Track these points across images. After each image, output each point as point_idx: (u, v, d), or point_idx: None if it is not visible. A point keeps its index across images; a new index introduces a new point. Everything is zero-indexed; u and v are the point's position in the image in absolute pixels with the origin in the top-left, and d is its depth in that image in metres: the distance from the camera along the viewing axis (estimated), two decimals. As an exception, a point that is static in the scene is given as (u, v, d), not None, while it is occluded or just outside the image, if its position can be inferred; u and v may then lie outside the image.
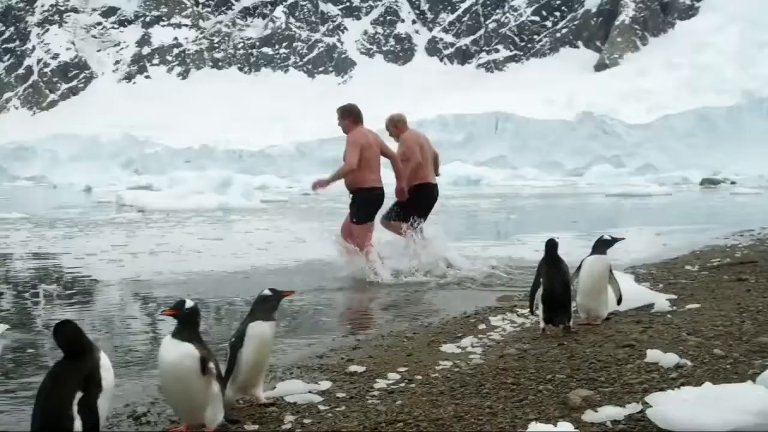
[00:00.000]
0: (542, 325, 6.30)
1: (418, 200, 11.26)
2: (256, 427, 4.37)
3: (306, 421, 4.39)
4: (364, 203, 10.68)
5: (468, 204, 32.68)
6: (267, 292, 4.82)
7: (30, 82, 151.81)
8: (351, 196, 10.82)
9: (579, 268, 6.54)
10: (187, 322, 4.16)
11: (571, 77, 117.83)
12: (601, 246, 6.55)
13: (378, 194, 10.73)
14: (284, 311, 8.73)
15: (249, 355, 4.63)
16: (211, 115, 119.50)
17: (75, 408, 3.52)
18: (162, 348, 4.12)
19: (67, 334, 3.71)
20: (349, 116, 10.83)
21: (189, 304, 4.18)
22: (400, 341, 6.54)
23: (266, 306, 4.76)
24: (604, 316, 6.62)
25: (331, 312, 8.56)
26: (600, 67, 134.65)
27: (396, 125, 11.47)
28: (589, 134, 76.11)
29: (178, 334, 4.12)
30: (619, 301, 6.70)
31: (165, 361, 4.09)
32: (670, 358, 5.06)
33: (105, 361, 3.71)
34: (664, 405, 3.82)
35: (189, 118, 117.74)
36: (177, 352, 4.07)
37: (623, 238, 6.89)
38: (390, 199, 11.12)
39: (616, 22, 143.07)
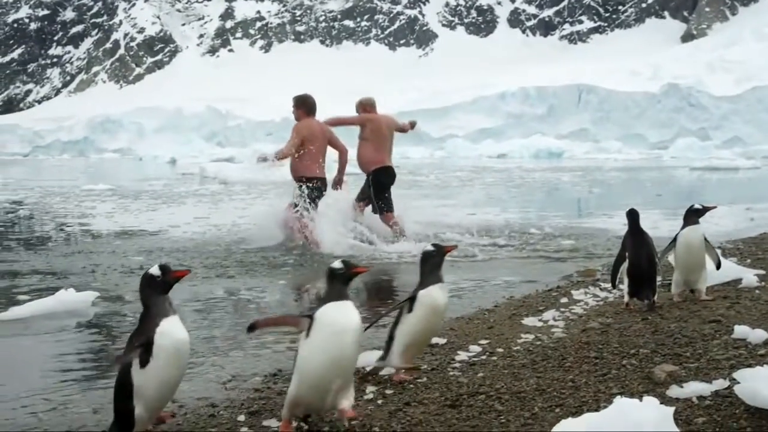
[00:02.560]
0: (626, 299, 6.22)
1: (377, 184, 11.58)
2: (338, 396, 4.40)
3: (388, 391, 4.42)
4: (305, 190, 10.94)
5: (549, 177, 32.36)
6: (430, 247, 4.69)
7: (117, 56, 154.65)
8: (295, 183, 11.16)
9: (674, 241, 6.35)
10: (349, 282, 3.93)
11: (657, 48, 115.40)
12: (693, 216, 6.35)
13: (316, 184, 11.01)
14: (364, 281, 8.78)
15: (417, 322, 4.52)
16: (293, 88, 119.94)
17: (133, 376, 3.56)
18: (338, 313, 3.78)
19: (141, 283, 3.74)
20: (302, 107, 11.31)
21: (338, 265, 3.94)
22: (482, 314, 6.54)
23: (431, 264, 4.61)
24: (704, 291, 6.46)
25: (409, 283, 8.57)
26: (687, 37, 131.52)
27: (364, 108, 11.92)
28: (674, 107, 74.37)
29: (344, 297, 3.85)
30: (718, 266, 6.54)
31: (351, 326, 3.77)
32: (758, 334, 4.95)
33: (166, 327, 3.58)
34: (752, 381, 3.73)
35: (271, 91, 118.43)
36: (357, 316, 3.82)
37: (715, 207, 6.68)
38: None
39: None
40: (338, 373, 3.74)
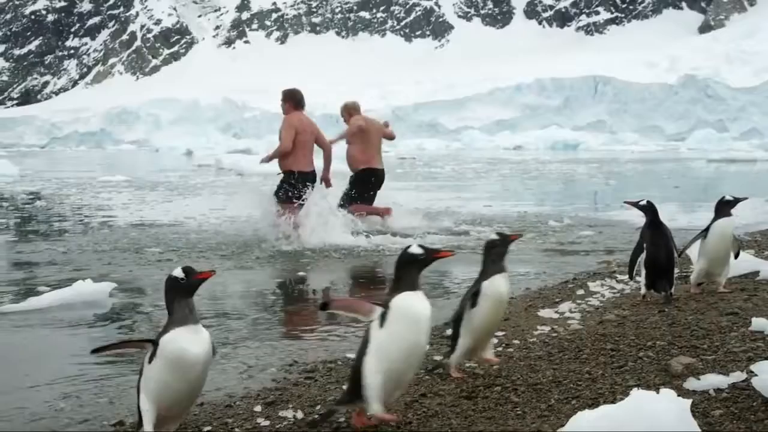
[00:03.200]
0: (643, 291, 6.19)
1: (361, 183, 11.91)
2: (354, 387, 4.41)
3: (403, 383, 4.41)
4: (294, 185, 10.98)
5: (565, 169, 32.26)
6: (494, 236, 4.55)
7: (133, 47, 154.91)
8: (280, 174, 11.29)
9: (705, 231, 6.29)
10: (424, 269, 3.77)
11: (674, 40, 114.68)
12: (726, 207, 6.29)
13: (306, 177, 11.06)
14: (378, 273, 8.79)
15: (483, 315, 4.37)
16: (309, 80, 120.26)
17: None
18: (414, 303, 3.65)
19: (165, 286, 3.66)
20: (290, 100, 11.41)
21: (417, 250, 3.76)
22: (497, 305, 6.52)
23: (495, 253, 4.47)
24: (723, 283, 6.42)
25: (425, 273, 8.57)
26: (704, 28, 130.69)
27: (350, 112, 12.21)
28: (691, 98, 74.05)
29: (417, 287, 3.71)
30: (736, 256, 6.50)
31: (427, 316, 3.67)
32: (776, 327, 4.93)
33: (171, 336, 3.50)
34: (770, 374, 3.72)
35: (287, 83, 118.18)
36: (430, 307, 3.70)
37: (746, 198, 6.58)
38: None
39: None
40: (415, 364, 3.69)
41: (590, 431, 3.06)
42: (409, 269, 3.72)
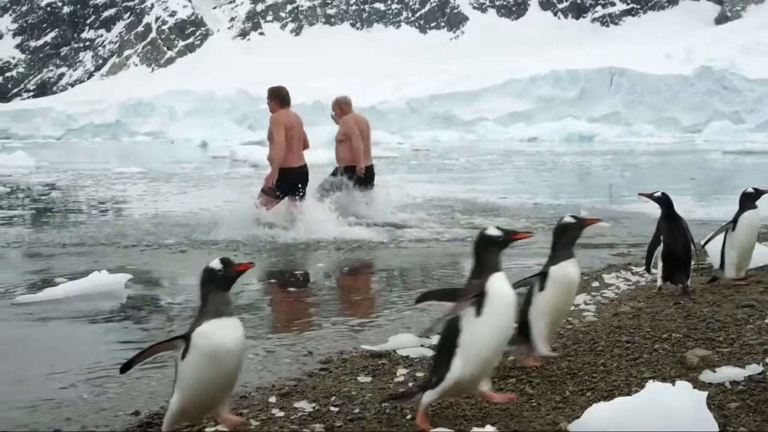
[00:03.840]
0: (659, 283, 6.17)
1: (348, 177, 11.83)
2: (369, 378, 4.42)
3: (418, 374, 4.42)
4: (285, 182, 10.94)
5: (580, 161, 32.17)
6: (569, 219, 4.46)
7: (149, 39, 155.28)
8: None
9: (733, 223, 6.25)
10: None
11: (690, 31, 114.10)
12: (750, 200, 6.27)
13: (297, 173, 11.07)
14: (392, 266, 8.80)
15: (549, 301, 4.28)
16: (324, 72, 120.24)
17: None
18: (504, 287, 3.55)
19: (201, 277, 3.56)
20: (276, 97, 11.28)
21: (495, 232, 3.68)
22: (512, 297, 6.51)
23: (567, 236, 4.40)
24: (742, 276, 6.41)
25: (437, 266, 8.57)
26: (721, 19, 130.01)
27: (341, 107, 12.13)
28: (707, 89, 73.70)
29: (500, 268, 3.60)
30: None
31: (515, 299, 3.62)
32: (793, 320, 4.91)
33: (206, 329, 3.42)
34: (786, 367, 3.71)
35: (301, 75, 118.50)
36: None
37: None
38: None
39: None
40: (503, 350, 3.69)
41: (605, 425, 3.06)
42: (490, 252, 3.64)
